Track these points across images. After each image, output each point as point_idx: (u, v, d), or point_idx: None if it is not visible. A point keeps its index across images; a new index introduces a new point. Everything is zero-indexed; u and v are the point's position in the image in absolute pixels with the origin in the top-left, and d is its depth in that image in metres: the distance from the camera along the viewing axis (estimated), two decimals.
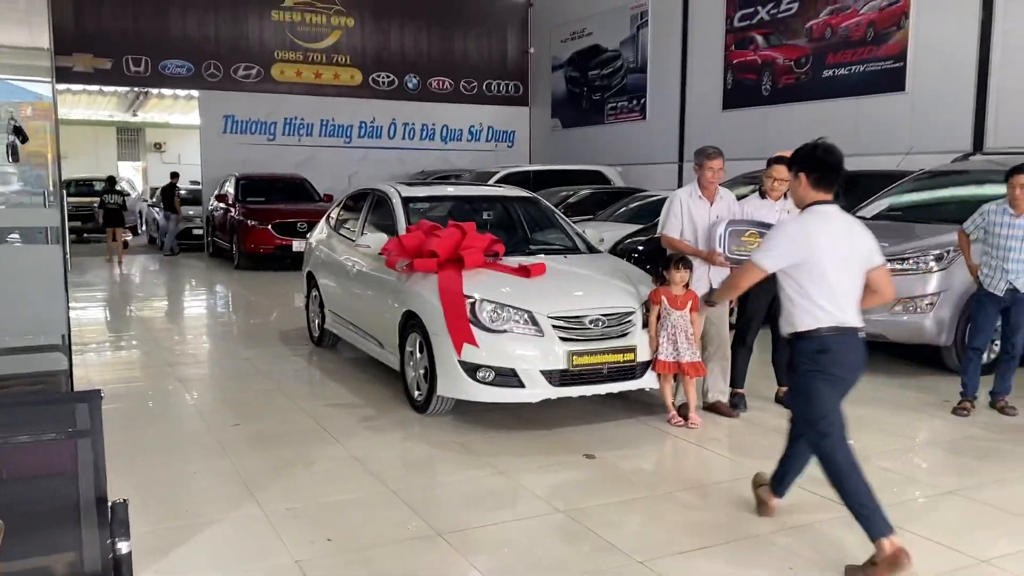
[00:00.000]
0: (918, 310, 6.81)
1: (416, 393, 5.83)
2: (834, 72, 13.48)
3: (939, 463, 5.05)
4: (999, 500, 4.32)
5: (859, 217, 8.40)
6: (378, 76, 20.31)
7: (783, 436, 5.37)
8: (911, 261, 6.91)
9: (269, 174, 17.52)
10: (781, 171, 5.82)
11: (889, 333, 6.98)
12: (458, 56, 21.08)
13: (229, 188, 16.46)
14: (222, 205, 16.34)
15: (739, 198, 6.17)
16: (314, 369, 7.48)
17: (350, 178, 19.76)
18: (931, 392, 6.46)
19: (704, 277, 5.70)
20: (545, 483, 4.60)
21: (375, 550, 3.70)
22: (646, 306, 5.66)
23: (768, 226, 5.69)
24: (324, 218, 8.45)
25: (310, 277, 8.27)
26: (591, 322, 5.40)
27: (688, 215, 5.76)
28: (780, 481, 4.00)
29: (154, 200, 20.99)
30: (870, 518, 3.45)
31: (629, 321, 5.54)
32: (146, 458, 4.93)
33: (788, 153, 5.84)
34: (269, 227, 14.81)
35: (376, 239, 6.42)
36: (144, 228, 23.19)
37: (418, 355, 5.76)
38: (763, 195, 5.96)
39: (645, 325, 5.58)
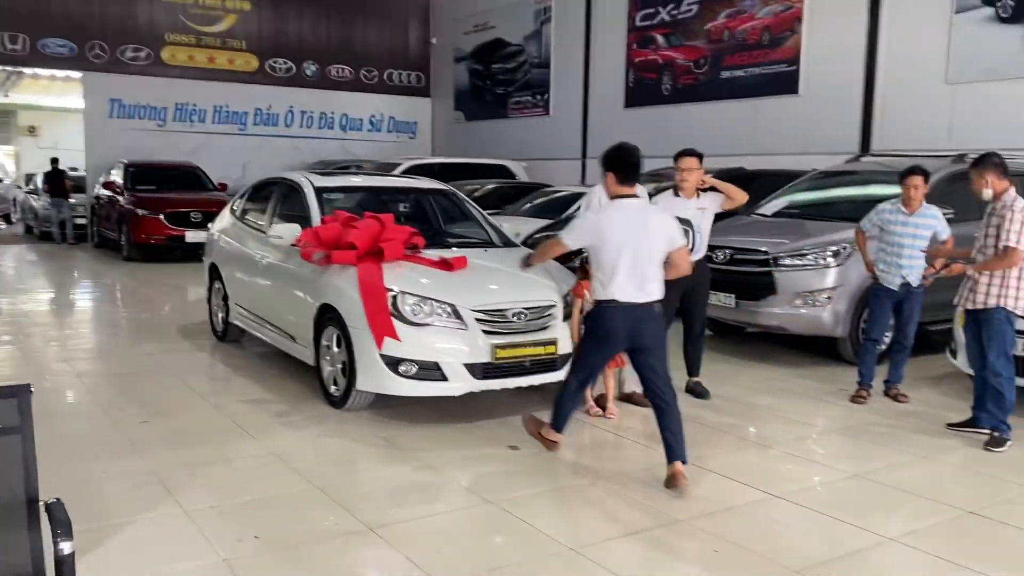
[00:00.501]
0: (816, 303, 7.16)
1: (333, 388, 5.73)
2: (732, 74, 13.97)
3: (841, 448, 5.33)
4: (899, 481, 4.60)
5: (759, 214, 8.80)
6: (275, 62, 19.78)
7: (698, 424, 5.60)
8: (810, 257, 7.25)
9: (160, 161, 16.81)
10: (689, 162, 6.00)
11: (788, 325, 7.31)
12: (358, 44, 20.75)
13: (117, 175, 15.68)
14: (109, 193, 15.56)
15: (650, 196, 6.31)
16: (220, 364, 7.24)
17: (245, 167, 19.19)
18: (829, 381, 6.80)
19: None
20: (472, 475, 4.61)
21: (307, 547, 3.62)
22: (566, 299, 5.73)
23: (681, 220, 5.86)
24: (228, 208, 8.18)
25: (213, 269, 7.99)
26: (514, 315, 5.43)
27: None
28: (564, 420, 4.83)
29: (33, 187, 19.81)
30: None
31: (550, 314, 5.59)
32: (50, 459, 4.63)
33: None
34: (161, 217, 14.21)
35: (289, 230, 6.26)
36: (19, 216, 21.85)
37: (335, 349, 5.65)
38: (677, 192, 6.12)
39: (566, 318, 5.65)
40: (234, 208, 8.03)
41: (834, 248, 7.23)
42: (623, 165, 4.42)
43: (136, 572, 3.38)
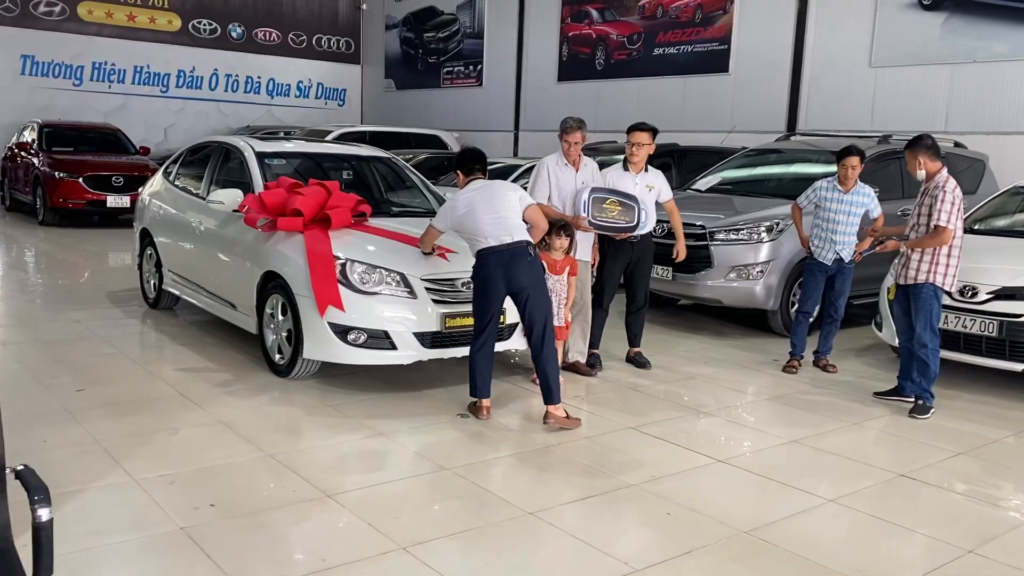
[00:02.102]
0: (749, 277, 7.39)
1: (277, 357, 5.66)
2: (664, 51, 14.17)
3: (775, 416, 5.55)
4: (831, 447, 4.83)
5: (694, 190, 9.00)
6: (199, 23, 19.15)
7: (636, 392, 5.75)
8: (744, 232, 7.47)
9: (78, 122, 16.09)
10: (641, 136, 6.09)
11: (723, 298, 7.53)
12: (286, 7, 20.26)
13: (30, 136, 14.95)
14: (23, 154, 14.84)
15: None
16: (154, 332, 7.06)
17: (166, 130, 18.61)
18: (761, 352, 7.05)
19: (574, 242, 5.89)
20: (424, 443, 4.64)
21: (266, 514, 3.60)
22: None
23: (628, 195, 5.98)
24: (160, 172, 7.92)
25: (145, 234, 7.75)
26: (463, 284, 5.45)
27: (555, 182, 5.92)
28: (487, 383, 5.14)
29: None
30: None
31: None
32: None
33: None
34: (80, 180, 13.61)
35: (230, 195, 6.12)
36: None
37: (280, 317, 5.58)
38: (626, 167, 6.21)
39: None
40: (168, 171, 7.78)
41: (767, 224, 7.46)
42: (465, 162, 5.22)
43: (93, 541, 3.31)
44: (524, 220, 5.01)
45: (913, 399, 5.57)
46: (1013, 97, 10.23)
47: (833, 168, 8.25)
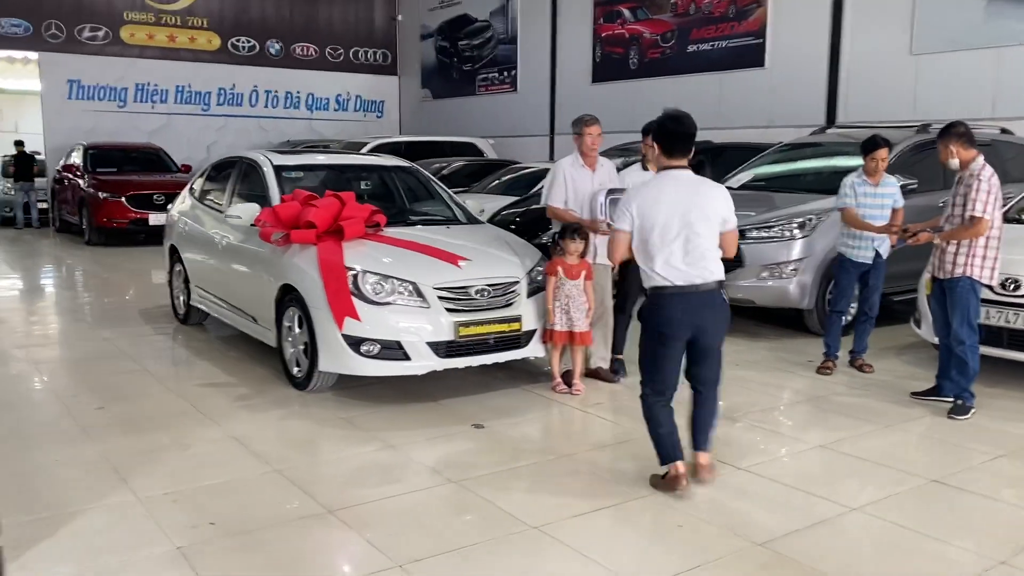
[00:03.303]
0: (783, 276, 7.15)
1: (295, 369, 5.63)
2: (698, 47, 13.90)
3: (807, 419, 5.32)
4: (864, 451, 4.59)
5: (727, 187, 8.74)
6: (237, 41, 19.42)
7: None
8: (776, 229, 7.23)
9: (121, 143, 16.47)
10: None
11: (756, 298, 7.30)
12: (323, 22, 20.43)
13: (77, 158, 15.34)
14: (70, 176, 15.23)
15: (618, 170, 6.24)
16: (181, 348, 7.10)
17: (209, 148, 18.88)
18: (796, 353, 6.80)
19: (591, 245, 5.74)
20: (435, 455, 4.54)
21: (263, 532, 3.54)
22: (530, 275, 5.66)
23: None
24: (187, 188, 8.00)
25: (173, 251, 7.83)
26: (477, 292, 5.36)
27: (571, 184, 5.79)
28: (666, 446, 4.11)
29: None
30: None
31: (514, 291, 5.53)
32: (1, 448, 4.54)
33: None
34: (123, 199, 13.92)
35: (247, 210, 6.12)
36: None
37: (297, 330, 5.55)
38: (644, 167, 6.05)
39: (530, 295, 5.59)
40: (193, 188, 7.85)
41: (800, 220, 7.21)
42: (667, 135, 3.91)
43: (87, 561, 3.28)
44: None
45: (952, 399, 5.30)
46: None
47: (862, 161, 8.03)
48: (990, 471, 4.35)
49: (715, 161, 10.78)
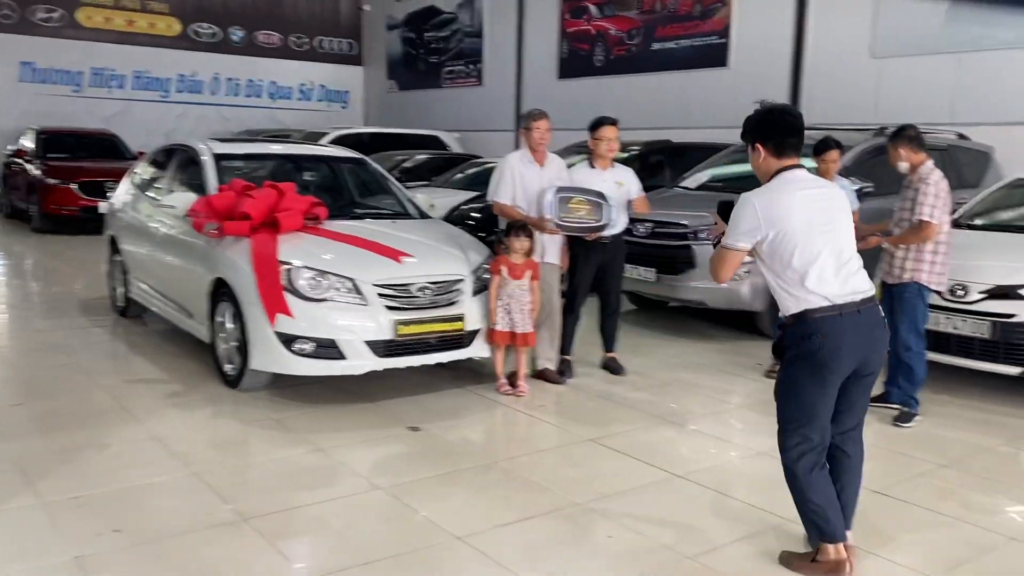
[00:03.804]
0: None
1: (228, 367, 5.42)
2: (663, 45, 13.83)
3: (752, 425, 5.22)
4: None
5: (682, 188, 8.68)
6: (199, 27, 19.03)
7: (610, 402, 5.45)
8: None
9: (74, 128, 15.98)
10: (611, 131, 5.79)
11: (708, 299, 7.21)
12: (287, 9, 20.09)
13: (27, 143, 14.88)
14: (20, 161, 14.77)
15: (570, 167, 6.10)
16: (117, 342, 6.85)
17: (168, 135, 18.38)
18: (747, 356, 6.71)
19: (538, 244, 5.60)
20: (366, 459, 4.38)
21: (170, 541, 3.35)
22: (476, 273, 5.50)
23: (595, 193, 5.68)
24: (127, 176, 7.73)
25: (112, 241, 7.56)
26: (418, 290, 5.18)
27: (520, 180, 5.64)
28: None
29: None
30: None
31: (457, 289, 5.36)
32: None
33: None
34: (73, 186, 13.49)
35: (182, 199, 5.90)
36: None
37: (229, 326, 5.34)
38: (592, 164, 5.92)
39: (475, 293, 5.43)
40: (134, 176, 7.59)
41: None
42: (780, 130, 3.18)
43: None
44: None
45: (898, 406, 5.23)
46: (1022, 86, 9.79)
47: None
48: (933, 482, 4.27)
49: (675, 161, 10.72)
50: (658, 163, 10.43)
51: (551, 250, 5.73)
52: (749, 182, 8.55)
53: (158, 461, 4.20)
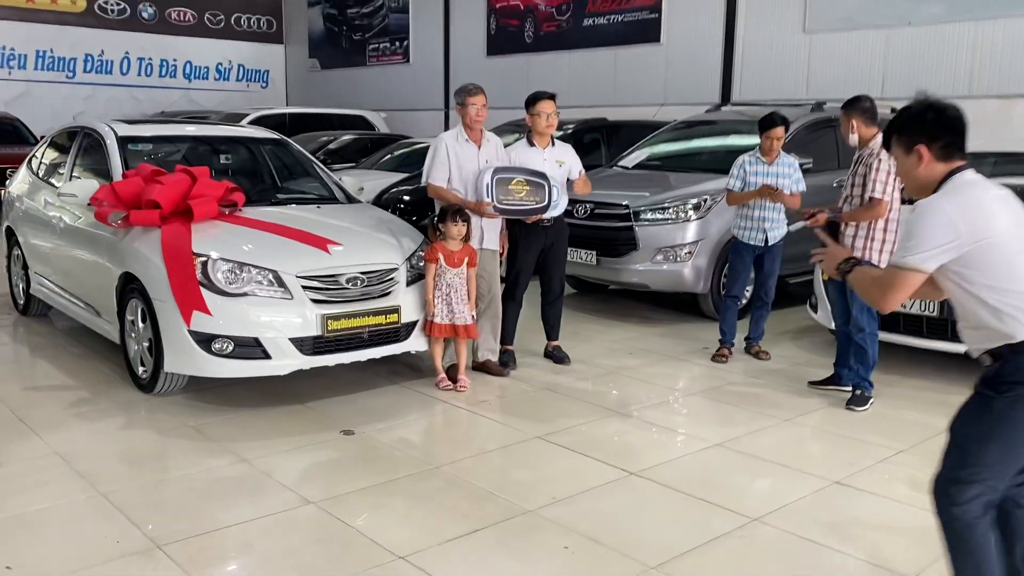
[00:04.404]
0: (677, 259, 6.85)
1: (140, 370, 4.96)
2: (594, 21, 13.54)
3: (702, 413, 5.01)
4: (762, 450, 4.30)
5: (620, 167, 8.44)
6: (106, 3, 17.97)
7: (556, 394, 5.17)
8: (671, 210, 6.92)
9: None
10: (549, 105, 5.49)
11: (650, 282, 6.99)
12: None
13: None
14: None
15: (506, 147, 5.77)
16: (18, 344, 6.29)
17: (75, 118, 17.29)
18: (691, 339, 6.52)
19: (477, 229, 5.27)
20: (295, 469, 4.01)
21: None
22: (410, 262, 5.15)
23: (536, 173, 5.38)
24: (26, 163, 7.11)
25: (10, 233, 6.95)
26: (348, 281, 4.80)
27: (455, 161, 5.29)
28: None
29: None
30: None
31: (391, 279, 5.00)
32: None
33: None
34: None
35: (84, 187, 5.37)
36: None
37: (140, 325, 4.87)
38: (531, 143, 5.61)
39: (410, 283, 5.07)
40: (32, 162, 6.98)
41: (695, 201, 6.92)
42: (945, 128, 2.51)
43: None
44: None
45: (851, 388, 5.09)
46: (949, 61, 9.83)
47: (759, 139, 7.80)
48: (889, 470, 4.11)
49: (610, 140, 10.49)
50: (593, 141, 10.18)
51: (489, 235, 5.41)
52: (689, 160, 8.35)
53: (60, 481, 3.76)
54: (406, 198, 8.94)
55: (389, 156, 11.72)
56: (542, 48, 14.36)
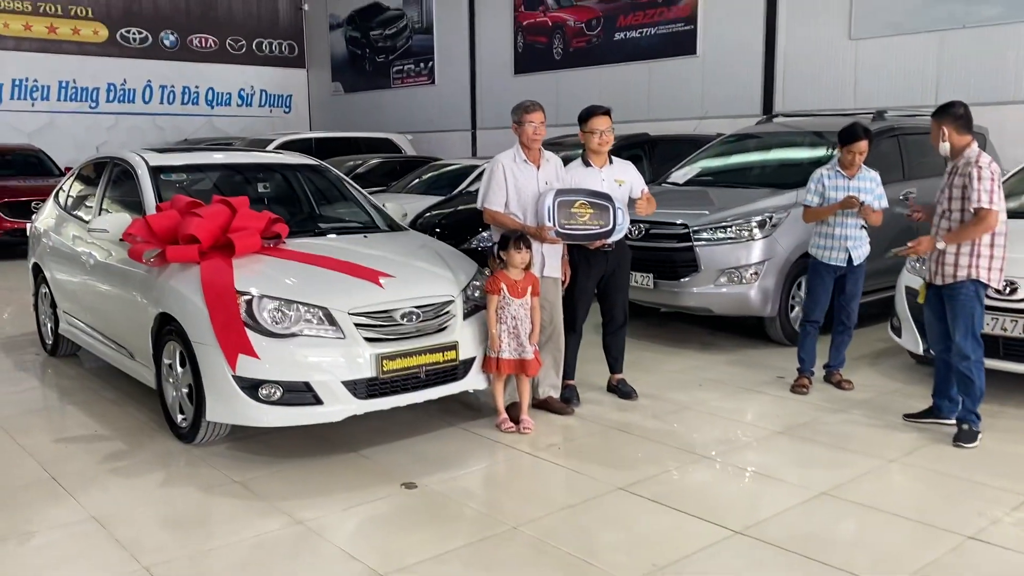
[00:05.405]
0: (742, 281, 6.41)
1: (179, 418, 4.57)
2: (626, 35, 13.20)
3: (798, 456, 4.51)
4: (874, 498, 3.84)
5: (671, 183, 8.01)
6: (127, 32, 17.87)
7: (628, 435, 4.73)
8: (733, 229, 6.48)
9: None
10: (604, 121, 5.08)
11: (713, 306, 6.55)
12: (222, 11, 19.01)
13: None
14: None
15: None
16: (46, 388, 5.93)
17: (98, 148, 17.28)
18: (762, 367, 6.06)
19: (538, 256, 4.86)
20: (356, 531, 3.60)
21: None
22: (466, 293, 4.74)
23: (599, 194, 4.98)
24: (53, 196, 6.79)
25: (37, 270, 6.62)
26: (403, 317, 4.40)
27: (513, 183, 4.89)
28: None
29: None
30: None
31: (447, 312, 4.59)
32: None
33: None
34: None
35: (116, 221, 5.02)
36: None
37: (179, 369, 4.49)
38: (586, 162, 5.20)
39: (466, 316, 4.67)
40: (59, 195, 6.66)
41: (759, 218, 6.48)
42: None
43: None
44: None
45: (955, 422, 4.62)
46: (1010, 63, 9.37)
47: (822, 151, 7.34)
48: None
49: (651, 155, 10.07)
50: (634, 158, 9.74)
51: (550, 262, 5.00)
52: (744, 175, 7.93)
53: (99, 552, 3.36)
54: (442, 222, 8.57)
55: (418, 179, 11.40)
56: (572, 64, 14.03)
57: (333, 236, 5.30)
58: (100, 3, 17.49)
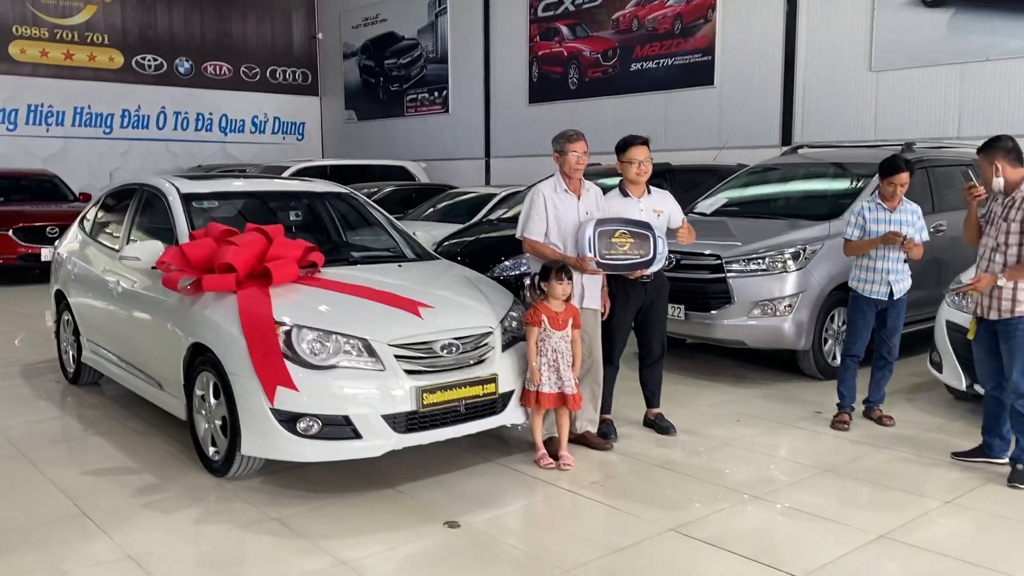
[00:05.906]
0: (776, 313, 6.30)
1: (211, 451, 4.46)
2: (642, 65, 13.22)
3: (848, 497, 4.35)
4: (931, 543, 3.70)
5: (697, 213, 7.93)
6: (143, 59, 17.95)
7: (671, 472, 4.61)
8: (766, 261, 6.39)
9: (9, 170, 14.79)
10: (642, 151, 5.01)
11: (747, 338, 6.44)
12: (236, 39, 19.12)
13: None
14: None
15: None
16: (69, 418, 5.81)
17: (112, 174, 17.34)
18: (798, 402, 5.94)
19: (578, 287, 4.77)
20: (400, 571, 3.46)
21: None
22: (503, 324, 4.64)
23: (639, 224, 4.89)
24: (77, 222, 6.71)
25: (60, 296, 6.53)
26: (443, 348, 4.30)
27: (553, 213, 4.81)
28: None
29: None
30: None
31: (486, 344, 4.49)
32: None
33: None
34: (10, 232, 12.33)
35: (148, 249, 4.94)
36: None
37: (212, 401, 4.39)
38: (624, 192, 5.13)
39: (504, 348, 4.57)
40: (84, 222, 6.58)
41: (792, 250, 6.39)
42: None
43: None
44: None
45: (1008, 462, 4.49)
46: None
47: (847, 183, 7.28)
48: None
49: (673, 184, 10.01)
50: (658, 187, 9.71)
51: (591, 293, 4.90)
52: (772, 206, 7.85)
53: None
54: (463, 250, 8.49)
55: (433, 208, 11.35)
56: (587, 94, 14.04)
57: (367, 265, 5.21)
58: (116, 30, 17.59)
